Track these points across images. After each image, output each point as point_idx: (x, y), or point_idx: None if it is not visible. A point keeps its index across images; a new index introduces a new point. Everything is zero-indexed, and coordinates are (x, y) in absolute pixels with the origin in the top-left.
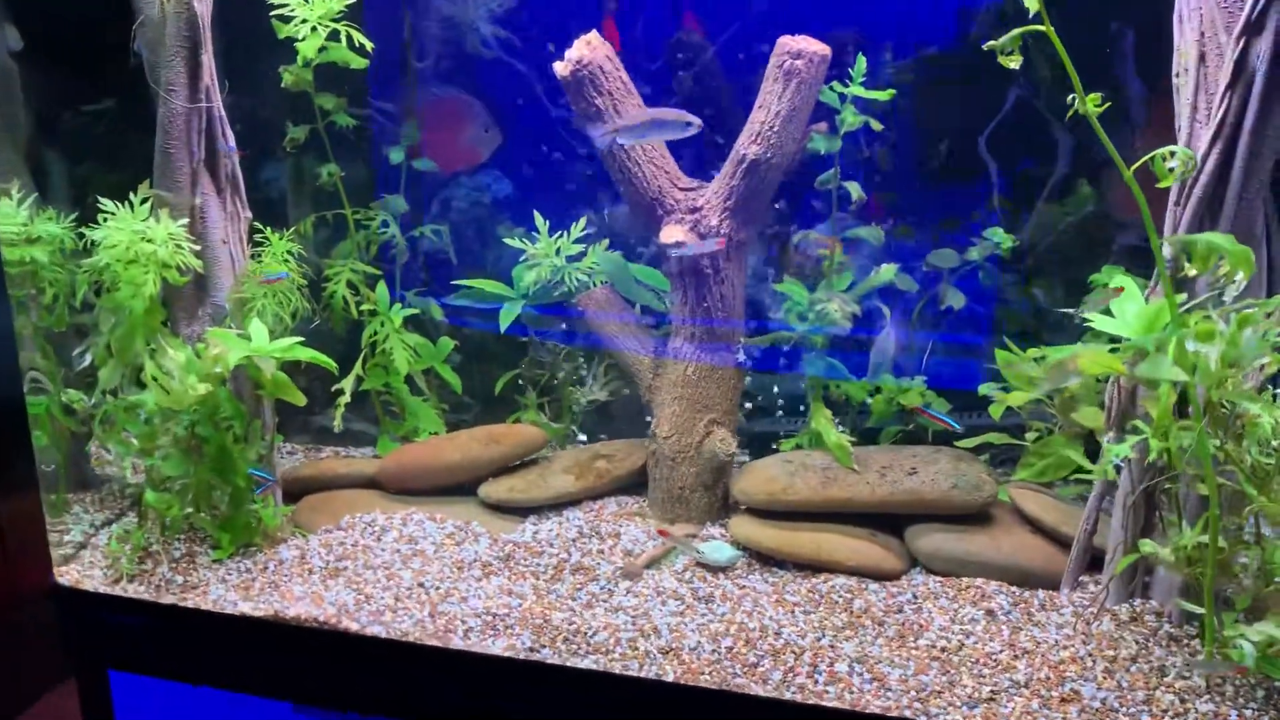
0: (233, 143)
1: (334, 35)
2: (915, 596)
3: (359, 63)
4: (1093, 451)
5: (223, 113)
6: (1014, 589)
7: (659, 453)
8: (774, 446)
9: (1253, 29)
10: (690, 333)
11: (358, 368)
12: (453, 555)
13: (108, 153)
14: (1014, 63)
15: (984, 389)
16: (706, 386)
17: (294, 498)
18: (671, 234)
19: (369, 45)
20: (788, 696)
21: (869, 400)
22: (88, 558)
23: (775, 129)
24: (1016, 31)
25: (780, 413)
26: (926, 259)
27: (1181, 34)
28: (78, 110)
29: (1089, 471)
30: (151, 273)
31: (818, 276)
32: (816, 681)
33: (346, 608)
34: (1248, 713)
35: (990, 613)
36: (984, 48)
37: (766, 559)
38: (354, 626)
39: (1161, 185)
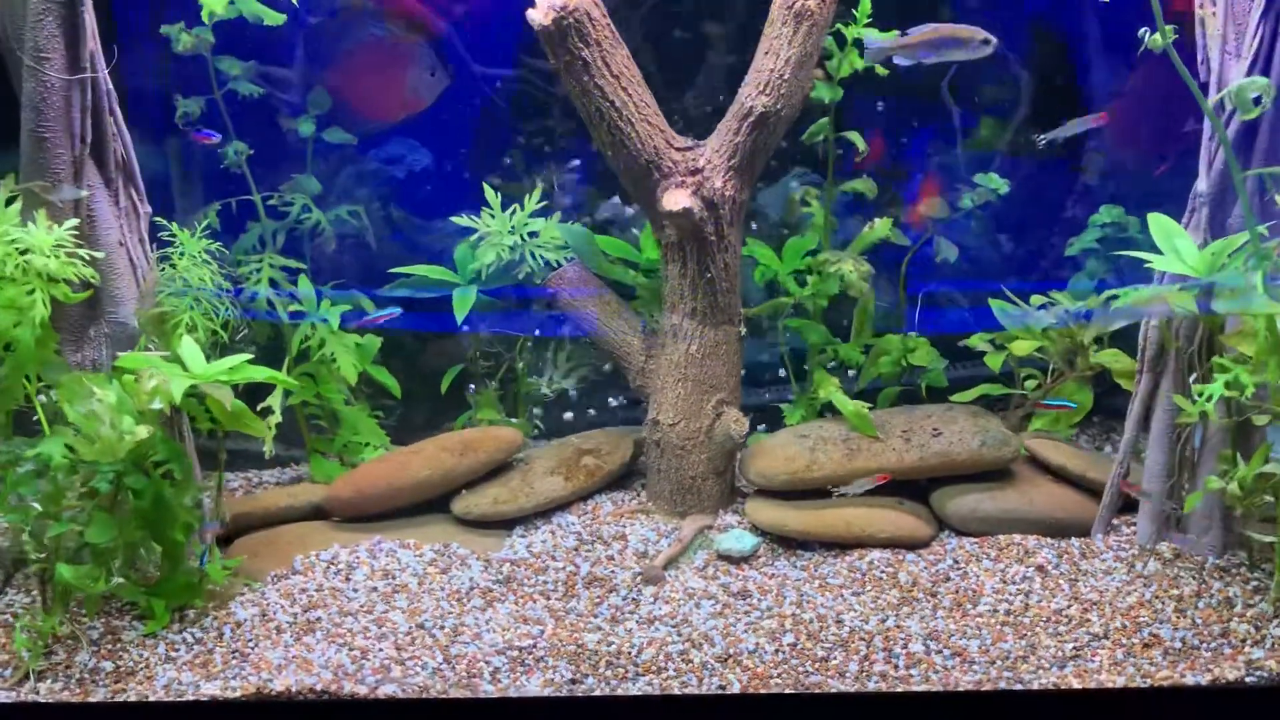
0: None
1: None
2: (957, 561)
3: (276, 19)
4: (1100, 395)
5: (110, 86)
6: (1052, 541)
7: (664, 441)
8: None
9: None
10: (692, 307)
11: (290, 379)
12: (444, 586)
13: None
14: None
15: (974, 340)
16: (712, 365)
17: (226, 540)
18: (676, 199)
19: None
20: (872, 687)
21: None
22: None
23: (785, 78)
24: None
25: (763, 383)
26: (918, 209)
27: None
28: None
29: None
30: (39, 292)
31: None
32: (897, 667)
33: (344, 668)
34: None
35: (1041, 568)
36: None
37: (788, 541)
38: (361, 690)
39: (1247, 118)
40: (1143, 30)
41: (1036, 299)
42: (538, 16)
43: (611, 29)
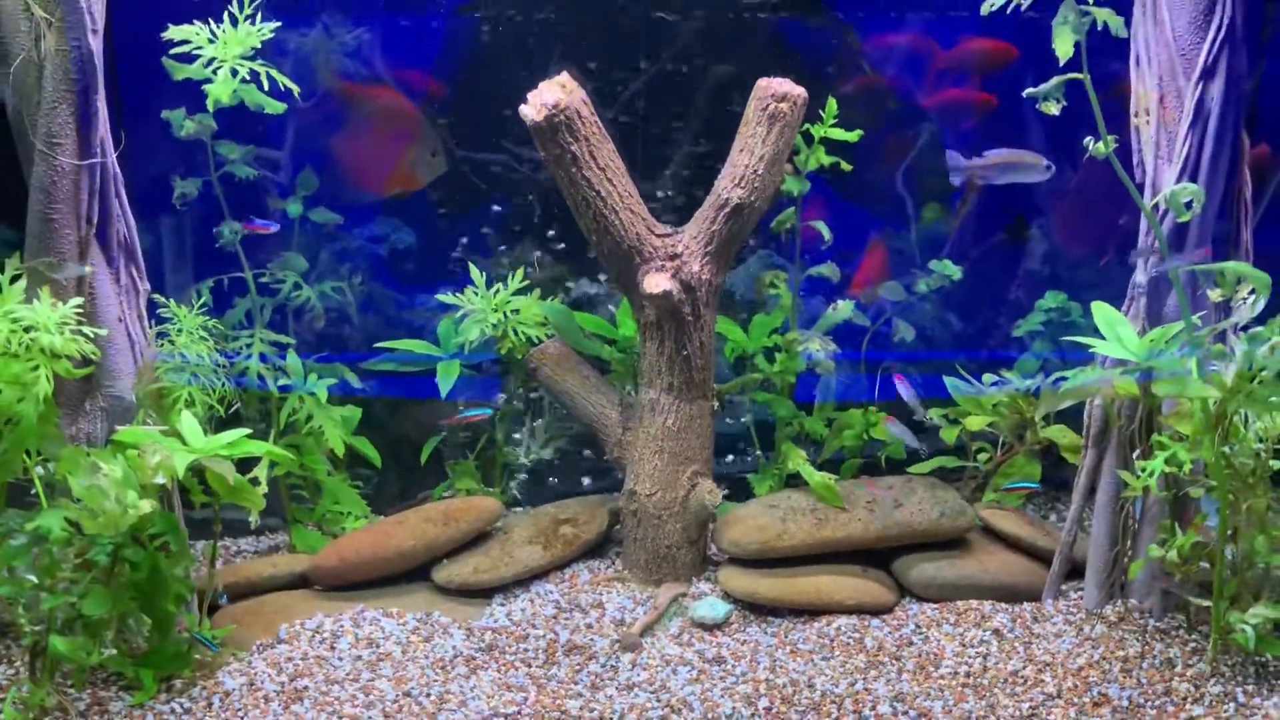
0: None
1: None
2: (919, 626)
3: (276, 107)
4: (1047, 468)
5: (118, 170)
6: (1007, 606)
7: (640, 511)
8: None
9: (1208, 74)
10: (669, 383)
11: (278, 453)
12: (427, 654)
13: None
14: (1055, 109)
15: (930, 414)
16: (687, 438)
17: (211, 609)
18: (656, 283)
19: (295, 89)
20: None
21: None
22: None
23: (759, 172)
24: (1057, 80)
25: (731, 455)
26: (876, 291)
27: (1140, 78)
28: None
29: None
30: (42, 368)
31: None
32: None
33: None
34: (1249, 688)
35: (997, 632)
36: (1025, 94)
37: (759, 608)
38: None
39: (1181, 220)
40: (1087, 139)
41: (988, 377)
42: (530, 113)
43: (599, 125)
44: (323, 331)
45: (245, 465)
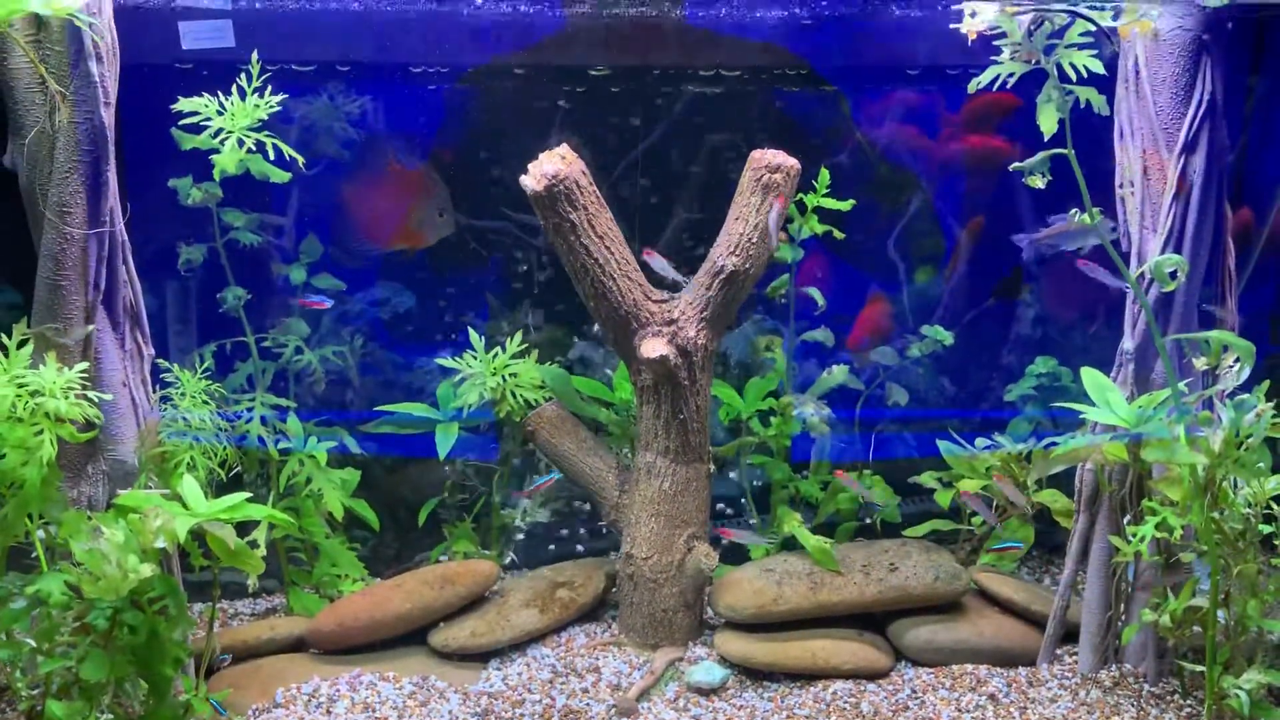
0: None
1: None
2: (915, 691)
3: (282, 177)
4: (1040, 532)
5: (125, 238)
6: (1002, 670)
7: (637, 575)
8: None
9: (1190, 147)
10: (665, 446)
11: (279, 516)
12: (423, 719)
13: None
14: (1040, 183)
15: (924, 478)
16: (684, 501)
17: (207, 673)
18: (653, 348)
19: (300, 159)
20: None
21: (831, 497)
22: None
23: (754, 241)
24: (1043, 155)
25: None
26: (871, 356)
27: (1124, 150)
28: None
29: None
30: (46, 432)
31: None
32: None
33: None
34: None
35: (993, 697)
36: (1011, 169)
37: (754, 673)
38: None
39: (1167, 289)
40: (1072, 210)
41: (981, 441)
42: (531, 183)
43: (597, 194)
44: (324, 394)
45: (244, 528)
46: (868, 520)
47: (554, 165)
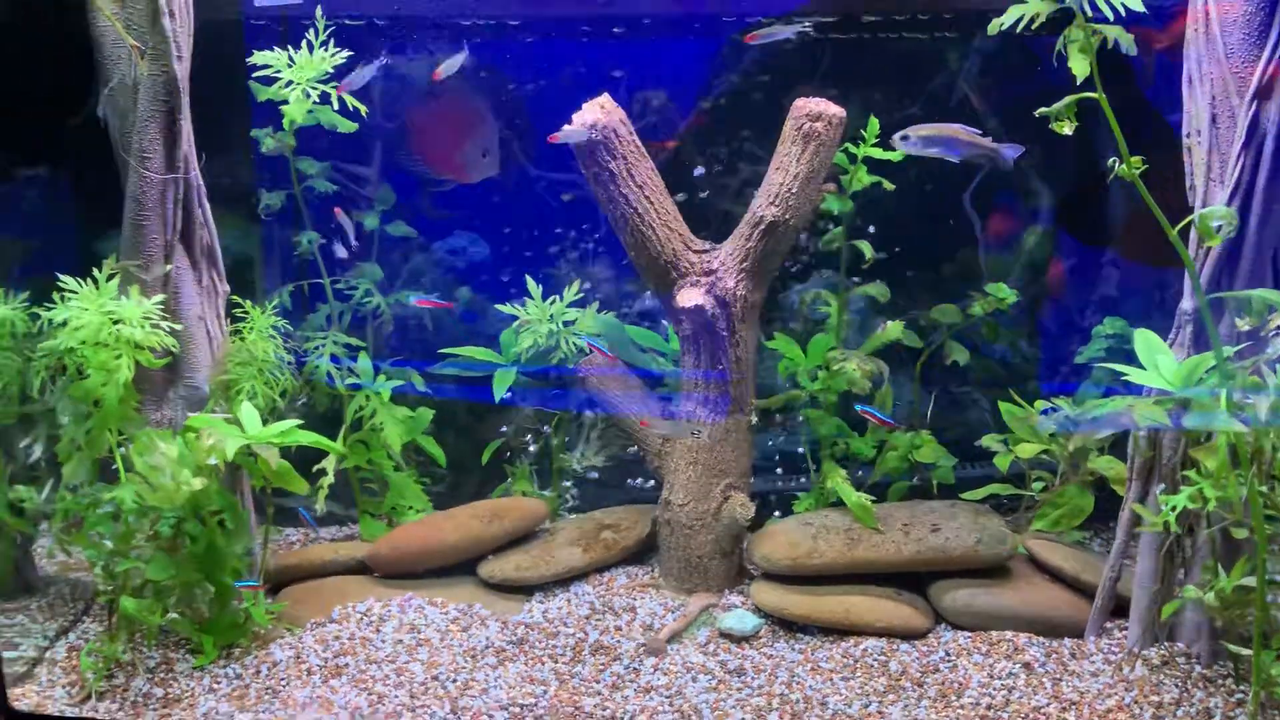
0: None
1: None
2: (948, 654)
3: (348, 126)
4: (1101, 499)
5: (200, 182)
6: (1043, 640)
7: (674, 520)
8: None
9: (1263, 93)
10: (704, 396)
11: (338, 445)
12: (462, 643)
13: (54, 225)
14: (1068, 128)
15: (986, 440)
16: (722, 451)
17: (275, 589)
18: (690, 297)
19: (363, 109)
20: None
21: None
22: (45, 675)
23: (794, 191)
24: (1070, 99)
25: (779, 471)
26: (930, 314)
27: (1192, 97)
28: (16, 179)
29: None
30: (124, 356)
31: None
32: None
33: (360, 711)
34: None
35: (1027, 665)
36: (1037, 114)
37: (790, 624)
38: None
39: (1209, 244)
40: (1111, 159)
41: (1040, 404)
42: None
43: (637, 143)
44: (401, 338)
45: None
46: (917, 481)
47: (594, 114)
